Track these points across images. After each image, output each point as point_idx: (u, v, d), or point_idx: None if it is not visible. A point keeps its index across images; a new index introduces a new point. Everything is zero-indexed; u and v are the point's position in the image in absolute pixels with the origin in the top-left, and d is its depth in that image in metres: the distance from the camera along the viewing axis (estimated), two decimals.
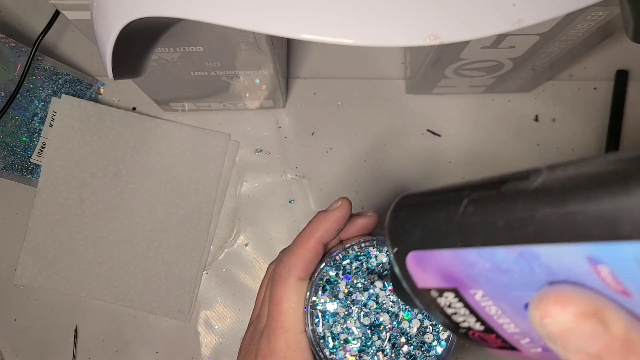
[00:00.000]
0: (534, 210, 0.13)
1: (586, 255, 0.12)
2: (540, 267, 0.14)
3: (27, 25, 0.51)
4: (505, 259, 0.14)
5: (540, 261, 0.13)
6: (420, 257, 0.18)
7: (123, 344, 0.48)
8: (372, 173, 0.50)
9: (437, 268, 0.17)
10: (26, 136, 0.47)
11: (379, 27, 0.19)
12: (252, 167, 0.50)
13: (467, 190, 0.16)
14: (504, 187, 0.14)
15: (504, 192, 0.14)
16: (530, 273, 0.14)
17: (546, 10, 0.19)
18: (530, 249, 0.13)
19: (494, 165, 0.50)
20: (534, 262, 0.14)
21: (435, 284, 0.18)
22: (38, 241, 0.47)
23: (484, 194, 0.15)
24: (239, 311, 0.48)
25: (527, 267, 0.14)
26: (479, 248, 0.15)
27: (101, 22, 0.23)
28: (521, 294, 0.15)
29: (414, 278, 0.19)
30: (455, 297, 0.17)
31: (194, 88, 0.43)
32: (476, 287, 0.16)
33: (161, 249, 0.48)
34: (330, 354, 0.27)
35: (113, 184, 0.48)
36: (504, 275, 0.15)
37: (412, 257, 0.18)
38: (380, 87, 0.51)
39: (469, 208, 0.15)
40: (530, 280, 0.14)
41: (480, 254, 0.15)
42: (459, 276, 0.17)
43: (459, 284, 0.17)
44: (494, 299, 0.16)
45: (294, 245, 0.28)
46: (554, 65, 0.43)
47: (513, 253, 0.14)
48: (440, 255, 0.17)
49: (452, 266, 0.16)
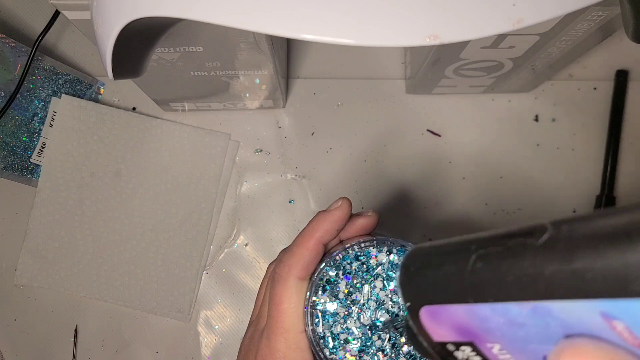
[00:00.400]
0: (542, 266, 0.13)
1: (599, 311, 0.12)
2: (554, 321, 0.13)
3: (27, 25, 0.51)
4: (518, 314, 0.14)
5: (553, 316, 0.13)
6: (433, 312, 0.18)
7: (123, 344, 0.48)
8: (372, 173, 0.50)
9: (452, 322, 0.17)
10: (26, 136, 0.47)
11: (379, 27, 0.19)
12: (252, 167, 0.50)
13: (474, 245, 0.16)
14: (511, 242, 0.14)
15: (511, 248, 0.14)
16: (545, 327, 0.14)
17: (546, 10, 0.19)
18: (542, 304, 0.13)
19: (494, 165, 0.50)
20: (547, 317, 0.13)
21: (451, 338, 0.18)
22: (38, 241, 0.47)
23: (491, 249, 0.15)
24: (239, 311, 0.48)
25: (542, 321, 0.14)
26: (491, 303, 0.15)
27: (101, 22, 0.23)
28: (538, 347, 0.15)
29: (429, 332, 0.18)
30: (472, 351, 0.17)
31: (194, 88, 0.43)
32: (493, 341, 0.16)
33: (161, 249, 0.48)
34: (330, 354, 0.27)
35: (113, 184, 0.48)
36: (519, 330, 0.15)
37: (426, 311, 0.18)
38: (380, 87, 0.51)
39: (478, 264, 0.15)
40: (546, 333, 0.14)
41: (493, 309, 0.15)
42: (475, 330, 0.16)
43: (475, 338, 0.17)
44: (512, 352, 0.16)
45: (294, 246, 0.28)
46: (554, 65, 0.43)
47: (526, 308, 0.14)
48: (453, 310, 0.17)
49: (467, 320, 0.16)
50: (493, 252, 0.15)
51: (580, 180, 0.50)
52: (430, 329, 0.18)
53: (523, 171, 0.50)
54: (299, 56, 0.51)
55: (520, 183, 0.50)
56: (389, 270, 0.28)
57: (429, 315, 0.18)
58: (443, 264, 0.17)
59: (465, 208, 0.49)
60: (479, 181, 0.50)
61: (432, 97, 0.50)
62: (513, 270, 0.14)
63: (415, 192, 0.49)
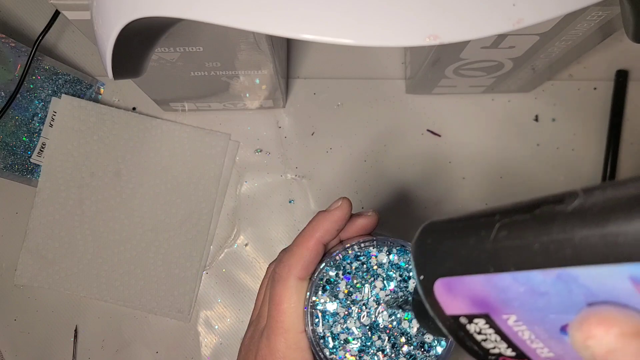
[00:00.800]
0: (571, 232, 0.13)
1: (628, 275, 0.12)
2: (579, 289, 0.13)
3: (27, 25, 0.51)
4: (541, 282, 0.14)
5: (579, 283, 0.13)
6: (449, 284, 0.18)
7: (123, 344, 0.48)
8: (372, 173, 0.50)
9: (468, 294, 0.17)
10: (26, 136, 0.47)
11: (379, 27, 0.19)
12: (252, 167, 0.50)
13: (498, 215, 0.16)
14: (538, 210, 0.14)
15: (539, 215, 0.14)
16: (568, 295, 0.14)
17: (546, 10, 0.19)
18: (568, 271, 0.13)
19: (494, 165, 0.50)
20: (572, 284, 0.13)
21: (465, 311, 0.18)
22: (38, 241, 0.47)
23: (516, 217, 0.15)
24: (239, 311, 0.48)
25: (565, 289, 0.14)
26: (513, 272, 0.15)
27: (101, 22, 0.23)
28: (558, 317, 0.15)
29: (442, 305, 0.18)
30: (486, 324, 0.17)
31: (194, 88, 0.43)
32: (509, 312, 0.16)
33: (161, 249, 0.48)
34: (330, 354, 0.27)
35: (113, 184, 0.48)
36: (539, 299, 0.15)
37: (441, 283, 0.18)
38: (380, 87, 0.51)
39: (502, 232, 0.15)
40: (568, 302, 0.14)
41: (515, 278, 0.15)
42: (491, 301, 0.16)
43: (490, 310, 0.17)
44: (528, 323, 0.16)
45: (294, 246, 0.28)
46: (554, 65, 0.43)
47: (550, 276, 0.14)
48: (471, 281, 0.17)
49: (484, 291, 0.16)
50: (519, 219, 0.15)
51: (580, 180, 0.50)
52: (444, 303, 0.18)
53: (523, 171, 0.50)
54: (299, 56, 0.51)
55: (520, 183, 0.50)
56: (389, 270, 0.28)
57: (443, 288, 0.18)
58: (463, 235, 0.17)
59: (465, 208, 0.49)
60: (479, 181, 0.50)
61: (432, 97, 0.50)
62: (540, 237, 0.14)
63: (415, 192, 0.49)
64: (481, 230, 0.16)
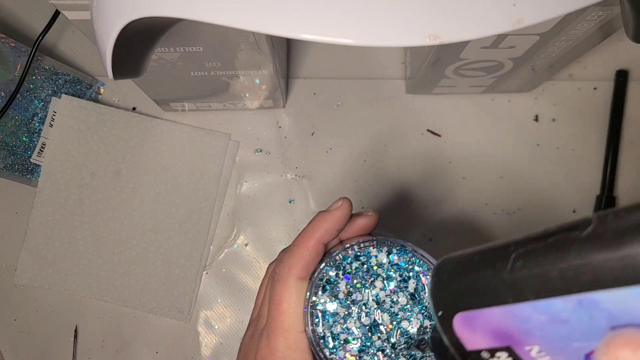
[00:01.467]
0: (588, 257, 0.13)
1: None
2: (600, 313, 0.13)
3: (27, 25, 0.51)
4: (562, 309, 0.14)
5: (600, 307, 0.13)
6: (468, 318, 0.18)
7: (123, 344, 0.48)
8: (372, 173, 0.50)
9: (488, 327, 0.17)
10: (26, 136, 0.47)
11: (379, 27, 0.19)
12: (252, 167, 0.50)
13: (512, 245, 0.16)
14: (553, 238, 0.14)
15: (554, 243, 0.14)
16: (590, 321, 0.14)
17: (546, 10, 0.19)
18: (588, 296, 0.13)
19: (494, 165, 0.50)
20: (593, 309, 0.14)
21: (487, 344, 0.18)
22: (38, 241, 0.47)
23: (532, 246, 0.15)
24: (239, 311, 0.48)
25: (587, 314, 0.14)
26: (533, 301, 0.15)
27: (101, 22, 0.23)
28: (581, 344, 0.15)
29: (463, 340, 0.18)
30: (508, 357, 0.17)
31: (194, 88, 0.43)
32: (532, 343, 0.16)
33: (161, 249, 0.48)
34: (330, 354, 0.27)
35: (113, 184, 0.48)
36: (561, 327, 0.15)
37: (460, 318, 0.18)
38: (380, 87, 0.51)
39: (518, 262, 0.15)
40: (590, 328, 0.14)
41: (535, 307, 0.15)
42: (512, 333, 0.16)
43: (512, 342, 0.17)
44: (552, 353, 0.16)
45: (294, 246, 0.28)
46: (554, 65, 0.43)
47: (570, 302, 0.14)
48: (490, 314, 0.16)
49: (504, 323, 0.16)
50: (535, 248, 0.15)
51: (580, 180, 0.50)
52: (464, 338, 0.18)
53: (523, 171, 0.50)
54: (299, 56, 0.51)
55: (520, 183, 0.50)
56: (389, 270, 0.28)
57: (463, 323, 0.18)
58: (479, 267, 0.17)
59: (465, 208, 0.49)
60: (479, 181, 0.50)
61: (432, 97, 0.50)
62: (557, 264, 0.14)
63: (415, 192, 0.49)
64: (497, 262, 0.16)
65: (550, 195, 0.50)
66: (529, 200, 0.49)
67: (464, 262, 0.18)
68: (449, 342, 0.19)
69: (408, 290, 0.28)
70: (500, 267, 0.16)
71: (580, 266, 0.13)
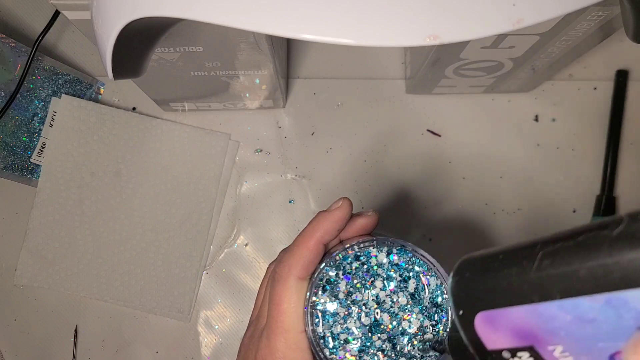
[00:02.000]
0: (619, 255, 0.13)
1: None
2: (629, 313, 0.13)
3: (27, 25, 0.51)
4: (589, 309, 0.14)
5: (629, 306, 0.13)
6: (490, 317, 0.17)
7: (123, 344, 0.48)
8: (372, 173, 0.50)
9: (510, 326, 0.17)
10: (26, 136, 0.47)
11: (379, 27, 0.19)
12: (252, 167, 0.50)
13: (539, 244, 0.16)
14: (582, 237, 0.14)
15: (583, 242, 0.14)
16: (617, 320, 0.14)
17: (546, 10, 0.19)
18: (617, 295, 0.13)
19: (494, 165, 0.50)
20: (621, 309, 0.14)
21: (508, 344, 0.17)
22: (38, 241, 0.47)
23: (560, 245, 0.15)
24: (239, 311, 0.48)
25: (614, 314, 0.14)
26: (559, 300, 0.15)
27: (101, 22, 0.23)
28: (606, 344, 0.15)
29: (483, 340, 0.18)
30: (530, 357, 0.17)
31: (194, 88, 0.43)
32: (555, 343, 0.16)
33: (161, 249, 0.48)
34: (330, 354, 0.27)
35: (113, 184, 0.48)
36: (587, 326, 0.15)
37: (481, 317, 0.18)
38: (380, 87, 0.51)
39: (545, 261, 0.15)
40: (617, 328, 0.14)
41: (561, 306, 0.15)
42: (536, 332, 0.16)
43: (535, 341, 0.17)
44: (576, 353, 0.16)
45: (294, 246, 0.28)
46: (554, 65, 0.43)
47: (598, 301, 0.14)
48: (514, 313, 0.16)
49: (528, 322, 0.16)
50: (563, 247, 0.15)
51: (580, 180, 0.50)
52: (485, 337, 0.18)
53: (523, 171, 0.50)
54: (299, 56, 0.51)
55: (520, 183, 0.50)
56: (389, 270, 0.28)
57: (484, 322, 0.18)
58: (504, 266, 0.17)
59: (465, 208, 0.49)
60: (479, 181, 0.50)
61: (432, 97, 0.50)
62: (586, 263, 0.14)
63: (415, 192, 0.49)
64: (523, 261, 0.16)
65: (550, 195, 0.50)
66: (529, 200, 0.49)
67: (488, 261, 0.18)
68: (469, 342, 0.19)
69: (408, 290, 0.28)
70: (526, 266, 0.16)
71: (610, 265, 0.13)
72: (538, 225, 0.49)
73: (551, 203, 0.49)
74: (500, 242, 0.49)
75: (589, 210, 0.49)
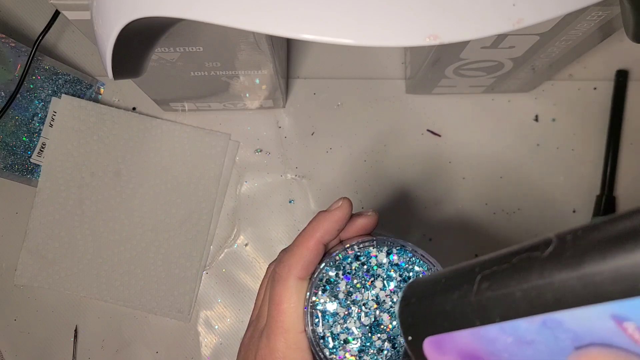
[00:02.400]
0: (550, 277, 0.13)
1: (610, 314, 0.12)
2: (564, 334, 0.13)
3: (27, 25, 0.51)
4: (527, 331, 0.14)
5: (564, 327, 0.13)
6: (437, 342, 0.17)
7: (123, 344, 0.48)
8: (372, 173, 0.50)
9: (457, 350, 0.17)
10: (26, 136, 0.47)
11: (379, 27, 0.19)
12: (252, 167, 0.50)
13: (477, 267, 0.16)
14: (516, 259, 0.15)
15: (517, 264, 0.14)
16: (555, 341, 0.14)
17: (546, 10, 0.19)
18: (552, 316, 0.13)
19: (494, 165, 0.50)
20: (557, 330, 0.14)
21: None
22: (38, 241, 0.47)
23: (496, 268, 0.15)
24: (239, 311, 0.48)
25: (551, 335, 0.14)
26: (499, 323, 0.15)
27: (101, 22, 0.23)
28: None
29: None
30: None
31: (194, 88, 0.43)
32: None
33: (161, 249, 0.48)
34: (330, 354, 0.27)
35: (113, 184, 0.48)
36: (528, 348, 0.15)
37: (429, 342, 0.18)
38: (380, 87, 0.51)
39: (483, 284, 0.15)
40: (556, 348, 0.14)
41: (502, 328, 0.15)
42: (482, 355, 0.16)
43: None
44: None
45: (294, 246, 0.28)
46: (554, 65, 0.43)
47: (535, 323, 0.14)
48: (459, 337, 0.16)
49: (473, 346, 0.16)
50: (499, 270, 0.15)
51: (580, 180, 0.50)
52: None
53: (523, 171, 0.50)
54: (299, 56, 0.51)
55: (520, 183, 0.50)
56: (389, 270, 0.28)
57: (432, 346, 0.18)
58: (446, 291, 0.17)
59: (465, 208, 0.49)
60: (479, 181, 0.50)
61: (432, 97, 0.50)
62: (521, 285, 0.14)
63: (415, 192, 0.49)
64: (463, 284, 0.16)
65: (550, 195, 0.50)
66: (529, 200, 0.49)
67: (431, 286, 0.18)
68: None
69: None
70: (466, 290, 0.16)
71: (542, 286, 0.13)
72: (538, 225, 0.49)
73: (551, 203, 0.50)
74: (500, 242, 0.49)
75: (589, 210, 0.49)
